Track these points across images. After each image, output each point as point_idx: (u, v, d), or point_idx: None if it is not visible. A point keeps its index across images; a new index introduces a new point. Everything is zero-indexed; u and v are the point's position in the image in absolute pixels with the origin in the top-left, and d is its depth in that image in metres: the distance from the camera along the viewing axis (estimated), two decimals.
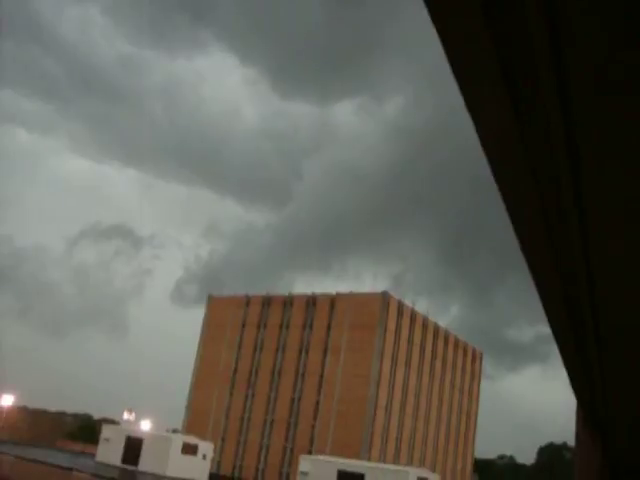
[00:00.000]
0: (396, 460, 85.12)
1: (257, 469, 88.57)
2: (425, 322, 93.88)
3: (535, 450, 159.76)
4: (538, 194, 3.25)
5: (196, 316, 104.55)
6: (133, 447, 56.77)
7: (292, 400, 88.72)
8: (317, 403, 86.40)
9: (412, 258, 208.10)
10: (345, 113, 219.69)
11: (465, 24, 2.25)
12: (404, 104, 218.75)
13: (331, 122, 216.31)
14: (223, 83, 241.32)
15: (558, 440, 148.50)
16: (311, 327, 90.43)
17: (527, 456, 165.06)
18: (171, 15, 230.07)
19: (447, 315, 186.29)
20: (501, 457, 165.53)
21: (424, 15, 2.37)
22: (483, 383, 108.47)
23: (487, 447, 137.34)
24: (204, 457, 59.01)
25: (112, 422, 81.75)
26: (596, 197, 3.32)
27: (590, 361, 6.34)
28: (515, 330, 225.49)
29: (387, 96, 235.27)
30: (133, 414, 67.65)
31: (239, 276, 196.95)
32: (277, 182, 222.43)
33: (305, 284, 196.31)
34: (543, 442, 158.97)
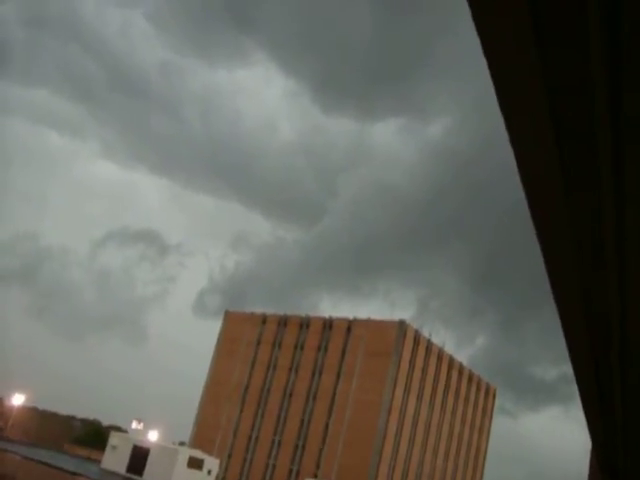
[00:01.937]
0: None
1: None
2: (440, 354, 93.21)
3: None
4: (577, 242, 3.16)
5: (215, 329, 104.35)
6: (139, 457, 56.59)
7: (301, 422, 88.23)
8: (326, 426, 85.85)
9: (441, 284, 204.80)
10: (387, 131, 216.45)
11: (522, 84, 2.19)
12: (448, 126, 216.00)
13: (371, 140, 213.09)
14: (263, 94, 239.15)
15: None
16: (326, 350, 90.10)
17: None
18: (215, 22, 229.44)
19: (472, 346, 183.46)
20: None
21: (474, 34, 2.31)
22: (502, 419, 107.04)
23: None
24: (209, 472, 58.66)
25: (120, 430, 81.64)
26: (638, 246, 3.21)
27: (613, 411, 6.19)
28: (540, 368, 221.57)
29: (431, 117, 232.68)
30: (142, 424, 67.54)
31: (263, 291, 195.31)
32: (310, 199, 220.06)
33: (331, 303, 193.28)
34: None
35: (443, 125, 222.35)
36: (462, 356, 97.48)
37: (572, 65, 2.22)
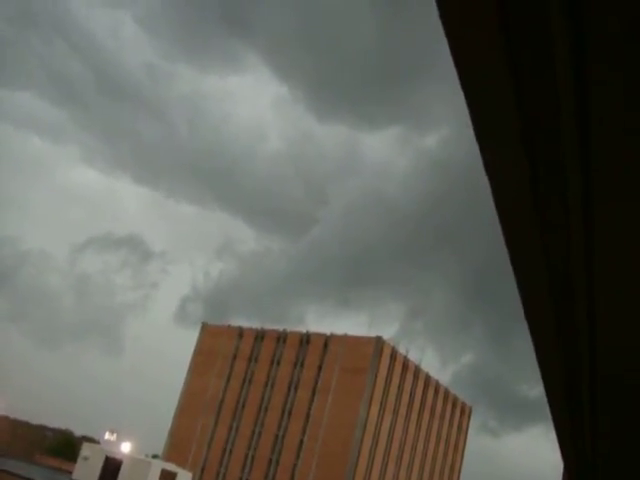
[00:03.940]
0: None
1: None
2: (417, 371, 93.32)
3: None
4: (548, 267, 3.16)
5: (194, 340, 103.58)
6: (111, 469, 55.98)
7: (276, 437, 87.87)
8: (301, 442, 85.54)
9: (431, 298, 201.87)
10: (383, 140, 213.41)
11: (490, 85, 2.18)
12: (445, 137, 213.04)
13: (365, 149, 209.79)
14: (255, 100, 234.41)
15: None
16: (302, 365, 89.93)
17: None
18: (208, 26, 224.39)
19: (458, 362, 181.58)
20: None
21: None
22: (485, 438, 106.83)
23: None
24: None
25: (93, 441, 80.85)
26: (607, 276, 3.21)
27: (583, 439, 6.20)
28: (527, 386, 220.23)
29: (429, 127, 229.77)
30: (115, 435, 66.91)
31: (248, 301, 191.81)
32: (299, 208, 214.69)
33: (318, 316, 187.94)
34: None
35: (440, 135, 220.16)
36: (448, 372, 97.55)
37: (542, 90, 2.22)
